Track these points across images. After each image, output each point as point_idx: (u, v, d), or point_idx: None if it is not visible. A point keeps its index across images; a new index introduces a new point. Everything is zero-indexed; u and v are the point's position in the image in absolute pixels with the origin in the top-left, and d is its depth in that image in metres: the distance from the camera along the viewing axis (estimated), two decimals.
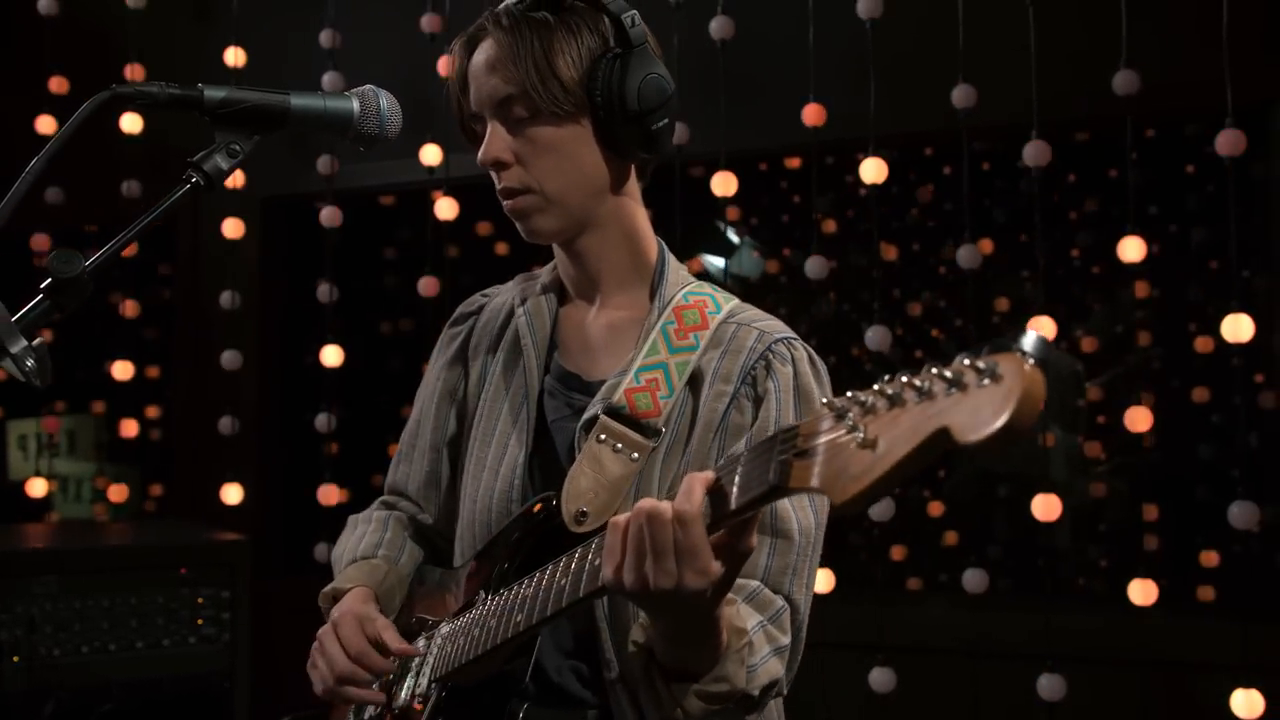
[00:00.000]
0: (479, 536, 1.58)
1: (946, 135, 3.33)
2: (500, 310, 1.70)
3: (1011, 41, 3.14)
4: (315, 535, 3.91)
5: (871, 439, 0.89)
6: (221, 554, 3.37)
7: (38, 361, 1.14)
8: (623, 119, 1.46)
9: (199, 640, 3.29)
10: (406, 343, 5.32)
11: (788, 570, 1.42)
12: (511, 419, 1.60)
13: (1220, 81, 2.89)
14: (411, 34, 3.75)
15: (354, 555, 1.70)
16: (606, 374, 1.53)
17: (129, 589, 3.21)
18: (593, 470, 1.42)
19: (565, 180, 1.49)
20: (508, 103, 1.48)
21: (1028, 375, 0.79)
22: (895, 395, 0.88)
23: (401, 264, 5.34)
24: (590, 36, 1.47)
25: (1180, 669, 3.21)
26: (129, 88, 1.28)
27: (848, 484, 0.91)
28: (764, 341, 1.48)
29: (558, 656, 1.52)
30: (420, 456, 1.75)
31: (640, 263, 1.58)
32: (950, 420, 0.83)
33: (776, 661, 1.37)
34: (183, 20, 4.47)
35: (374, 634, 1.51)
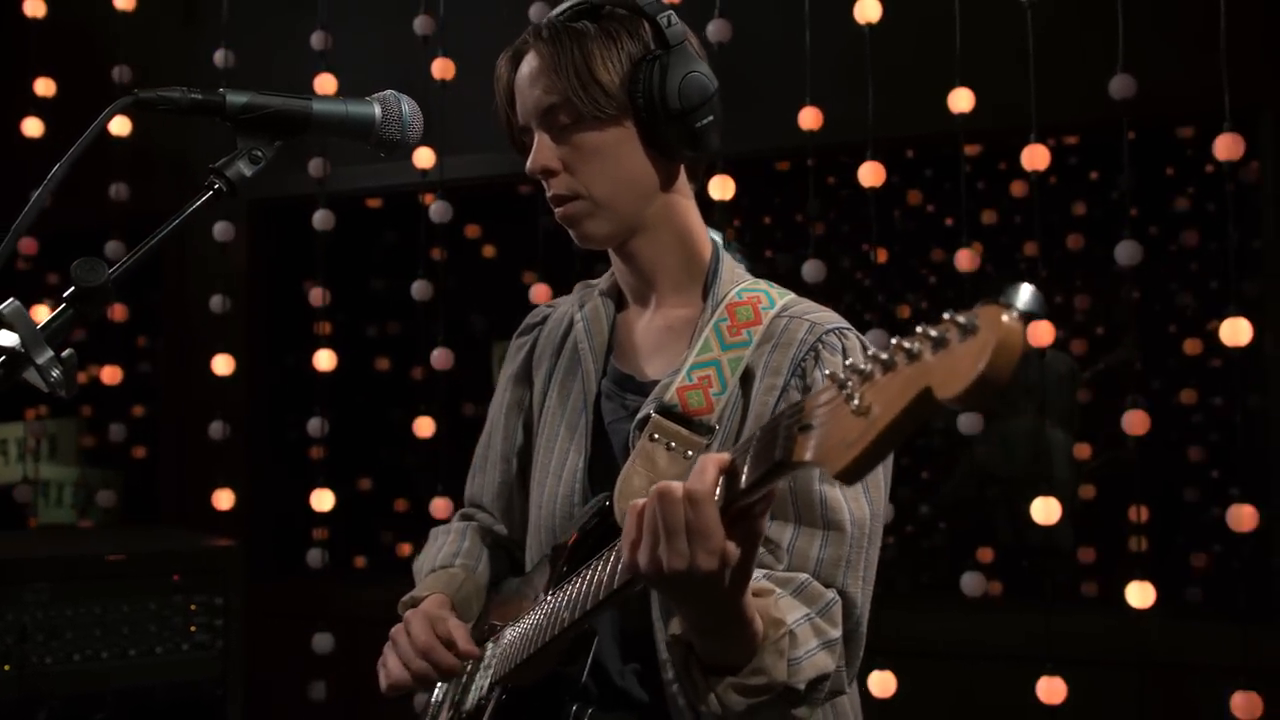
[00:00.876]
0: (544, 542, 1.60)
1: (943, 139, 3.33)
2: (563, 320, 1.73)
3: (1007, 45, 3.15)
4: (307, 540, 3.88)
5: (865, 406, 0.88)
6: (214, 560, 3.34)
7: (65, 372, 1.12)
8: (665, 118, 1.47)
9: (192, 647, 3.26)
10: (394, 346, 5.30)
11: (840, 563, 1.40)
12: (571, 424, 1.62)
13: (1216, 86, 2.90)
14: (405, 36, 3.73)
15: (433, 565, 1.73)
16: (661, 374, 1.54)
17: (121, 596, 3.18)
18: (646, 469, 1.43)
19: (612, 184, 1.50)
20: (552, 111, 1.49)
21: (1004, 326, 0.77)
22: (889, 360, 0.87)
23: (388, 267, 5.31)
24: (630, 41, 1.49)
25: (1180, 671, 3.22)
26: (151, 93, 1.26)
27: (843, 452, 0.90)
28: (815, 333, 1.48)
29: (619, 659, 1.53)
30: (492, 468, 1.78)
31: (693, 263, 1.59)
32: (931, 378, 0.82)
33: (825, 655, 1.34)
34: (170, 22, 4.44)
35: (445, 633, 1.53)
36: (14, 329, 1.11)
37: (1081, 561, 4.14)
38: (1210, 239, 4.48)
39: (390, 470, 5.14)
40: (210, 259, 4.12)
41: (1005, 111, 3.23)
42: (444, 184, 3.64)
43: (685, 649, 1.29)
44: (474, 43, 3.74)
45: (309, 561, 3.78)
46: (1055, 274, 4.75)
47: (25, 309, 1.11)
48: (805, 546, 1.39)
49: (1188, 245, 4.48)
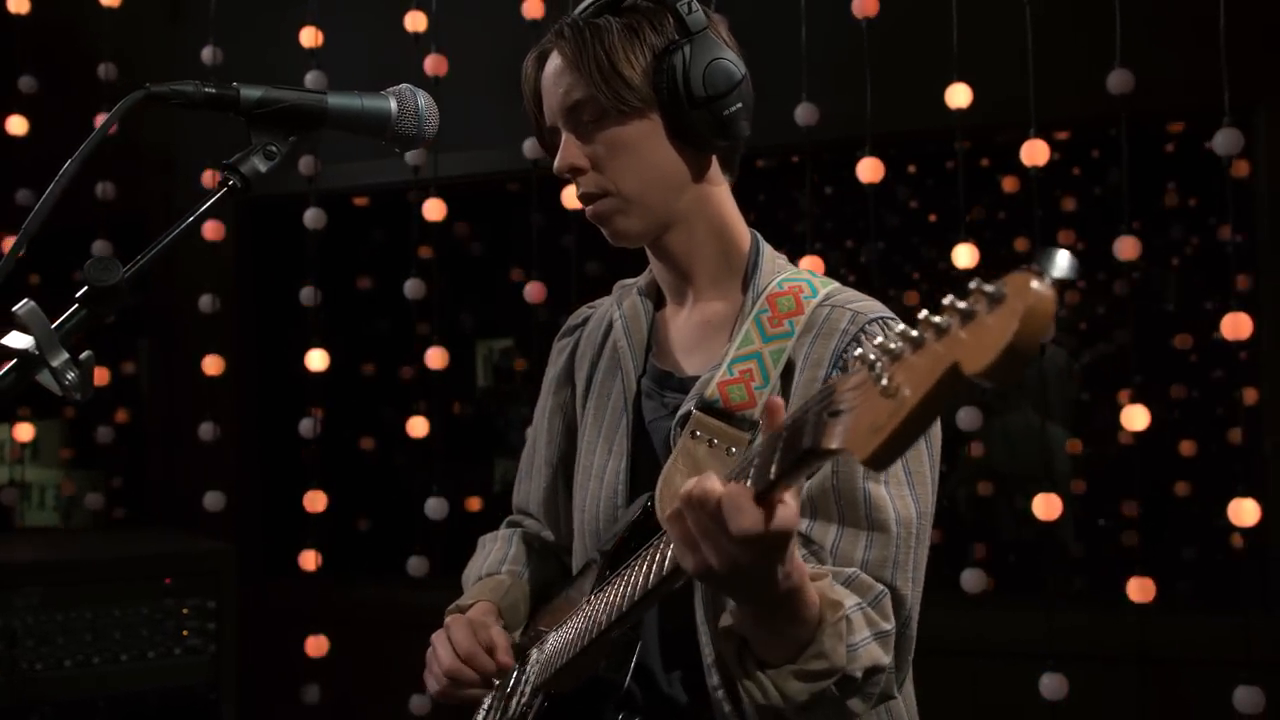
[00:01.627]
0: (589, 546, 1.58)
1: (941, 134, 3.32)
2: (603, 320, 1.70)
3: (1004, 41, 3.14)
4: (297, 541, 3.85)
5: (894, 387, 0.82)
6: (207, 563, 3.31)
7: (82, 375, 1.09)
8: (690, 107, 1.43)
9: (185, 651, 3.24)
10: (382, 345, 5.26)
11: (887, 563, 1.35)
12: (613, 425, 1.59)
13: (1213, 82, 2.90)
14: (395, 32, 3.70)
15: (480, 573, 1.71)
16: (701, 370, 1.50)
17: (112, 600, 3.15)
18: (688, 467, 1.39)
19: (641, 179, 1.47)
20: (576, 109, 1.47)
21: (1032, 292, 0.72)
22: (918, 338, 0.81)
23: (376, 265, 5.28)
24: (652, 33, 1.45)
25: (1183, 665, 3.22)
26: (164, 87, 1.23)
27: (870, 437, 0.84)
28: (857, 323, 1.43)
29: (663, 664, 1.51)
30: (538, 474, 1.76)
31: (732, 255, 1.55)
32: (959, 353, 0.76)
33: (878, 646, 1.29)
34: (156, 19, 4.39)
35: (486, 640, 1.51)
36: (29, 330, 1.08)
37: (1074, 556, 4.14)
38: (1199, 234, 4.49)
39: (380, 470, 5.10)
40: (198, 258, 4.08)
41: (1003, 107, 3.22)
42: (437, 181, 3.61)
43: (738, 643, 1.26)
44: (466, 40, 3.72)
45: (302, 563, 3.75)
46: None
47: (41, 310, 1.08)
48: (849, 549, 1.35)
49: (1175, 239, 4.48)
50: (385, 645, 3.97)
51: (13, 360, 1.11)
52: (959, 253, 3.12)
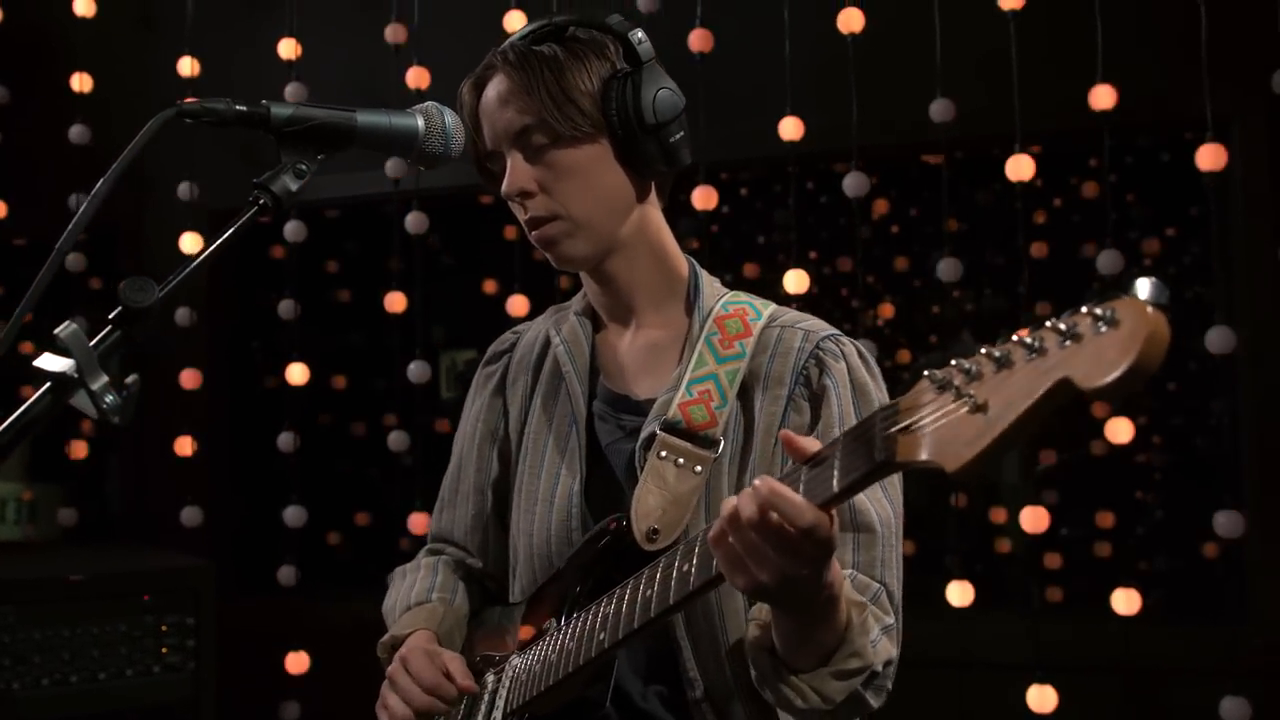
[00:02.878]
0: (540, 570, 1.57)
1: (927, 148, 3.34)
2: (534, 343, 1.71)
3: (988, 55, 3.17)
4: (275, 557, 3.81)
5: (982, 403, 0.89)
6: (186, 579, 3.28)
7: (125, 399, 1.07)
8: (641, 134, 1.48)
9: (164, 669, 3.20)
10: (354, 358, 5.23)
11: (876, 563, 1.43)
12: (560, 448, 1.59)
13: (1198, 95, 2.94)
14: (374, 45, 3.68)
15: (408, 603, 1.69)
16: (654, 393, 1.54)
17: (90, 618, 3.11)
18: (658, 487, 1.43)
19: (590, 202, 1.50)
20: (525, 133, 1.49)
21: (1151, 317, 0.79)
22: (1002, 357, 0.88)
23: (348, 278, 5.24)
24: (597, 61, 1.50)
25: (1169, 676, 3.25)
26: (195, 105, 1.22)
27: (960, 450, 0.90)
28: (811, 340, 1.50)
29: (639, 681, 1.52)
30: (464, 500, 1.74)
31: (672, 279, 1.59)
32: (1070, 369, 0.82)
33: (887, 641, 1.37)
34: (128, 29, 4.34)
35: (443, 667, 1.51)
36: (70, 352, 1.06)
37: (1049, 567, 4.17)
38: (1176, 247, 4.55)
39: (356, 485, 5.06)
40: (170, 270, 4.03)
41: (984, 121, 3.25)
42: (420, 194, 3.59)
43: (769, 654, 1.31)
44: (446, 52, 3.70)
45: (280, 579, 3.71)
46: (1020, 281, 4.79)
47: (84, 331, 1.06)
48: (839, 552, 1.36)
49: (1149, 252, 4.53)
50: (365, 661, 3.94)
51: (47, 383, 1.09)
52: (944, 266, 3.13)
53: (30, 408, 1.10)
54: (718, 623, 1.46)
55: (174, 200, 3.83)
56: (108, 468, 5.13)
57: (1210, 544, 4.20)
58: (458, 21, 3.80)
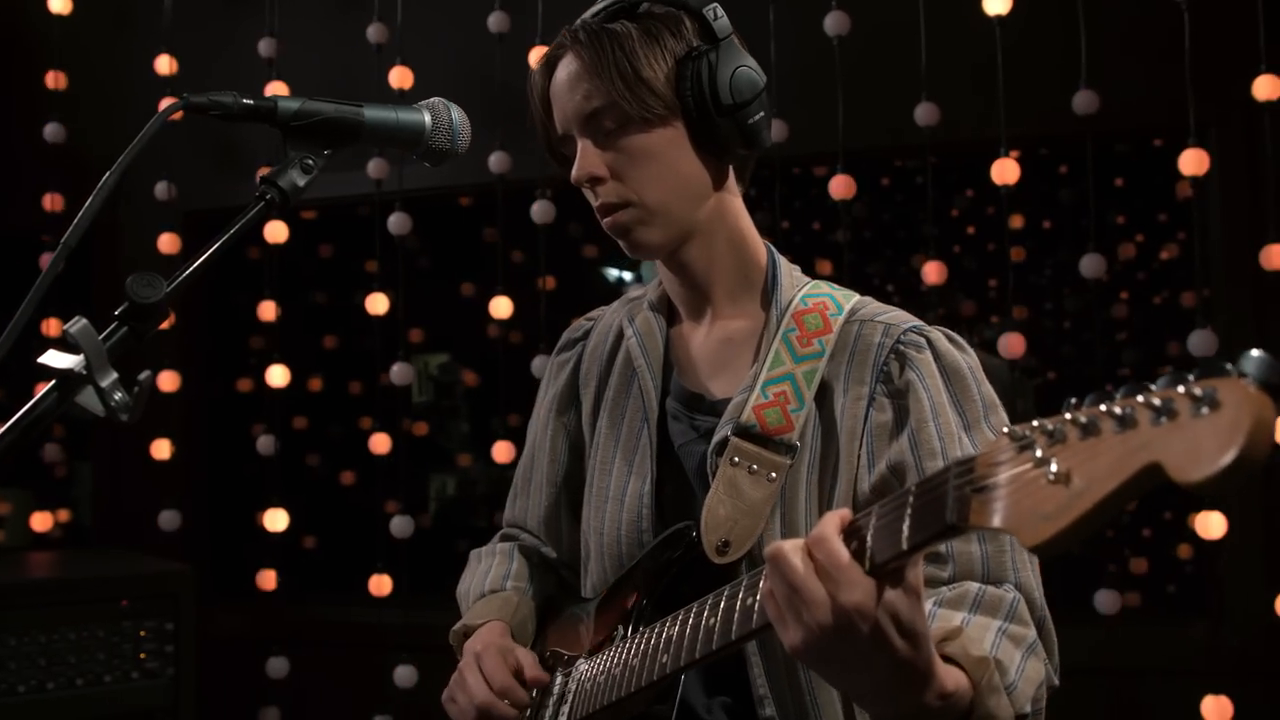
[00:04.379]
0: (609, 569, 1.52)
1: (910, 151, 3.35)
2: (608, 333, 1.65)
3: (971, 60, 3.18)
4: (254, 561, 3.77)
5: (1064, 473, 0.80)
6: (165, 584, 3.23)
7: (135, 396, 1.05)
8: (717, 115, 1.40)
9: (142, 675, 3.15)
10: (331, 361, 5.19)
11: (1005, 553, 1.32)
12: (631, 445, 1.54)
13: (1177, 102, 2.96)
14: (356, 44, 3.65)
15: (482, 589, 1.64)
16: (729, 392, 1.46)
17: (67, 624, 3.06)
18: (730, 497, 1.36)
19: (665, 188, 1.42)
20: (596, 116, 1.42)
21: (1256, 402, 0.70)
22: (1090, 424, 0.80)
23: (323, 280, 5.20)
24: (671, 39, 1.42)
25: (1150, 676, 3.26)
26: (202, 97, 1.20)
27: (1040, 525, 0.82)
28: (891, 335, 1.41)
29: (704, 695, 1.46)
30: (537, 490, 1.70)
31: (750, 269, 1.51)
32: (1162, 455, 0.74)
33: (1035, 662, 1.24)
34: (104, 27, 4.29)
35: (514, 664, 1.47)
36: (80, 349, 1.04)
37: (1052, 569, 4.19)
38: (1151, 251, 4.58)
39: (332, 488, 5.02)
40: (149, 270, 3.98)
41: (969, 126, 3.26)
42: (403, 194, 3.56)
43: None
44: (429, 52, 3.69)
45: (260, 583, 3.67)
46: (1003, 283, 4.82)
47: (94, 328, 1.04)
48: (964, 545, 1.31)
49: (1126, 257, 4.57)
50: (346, 666, 3.91)
51: (53, 380, 1.07)
52: (929, 270, 3.14)
53: (36, 406, 1.07)
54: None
55: (150, 200, 3.79)
56: (78, 472, 5.07)
57: (1185, 545, 4.24)
58: (440, 21, 3.78)
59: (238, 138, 4.09)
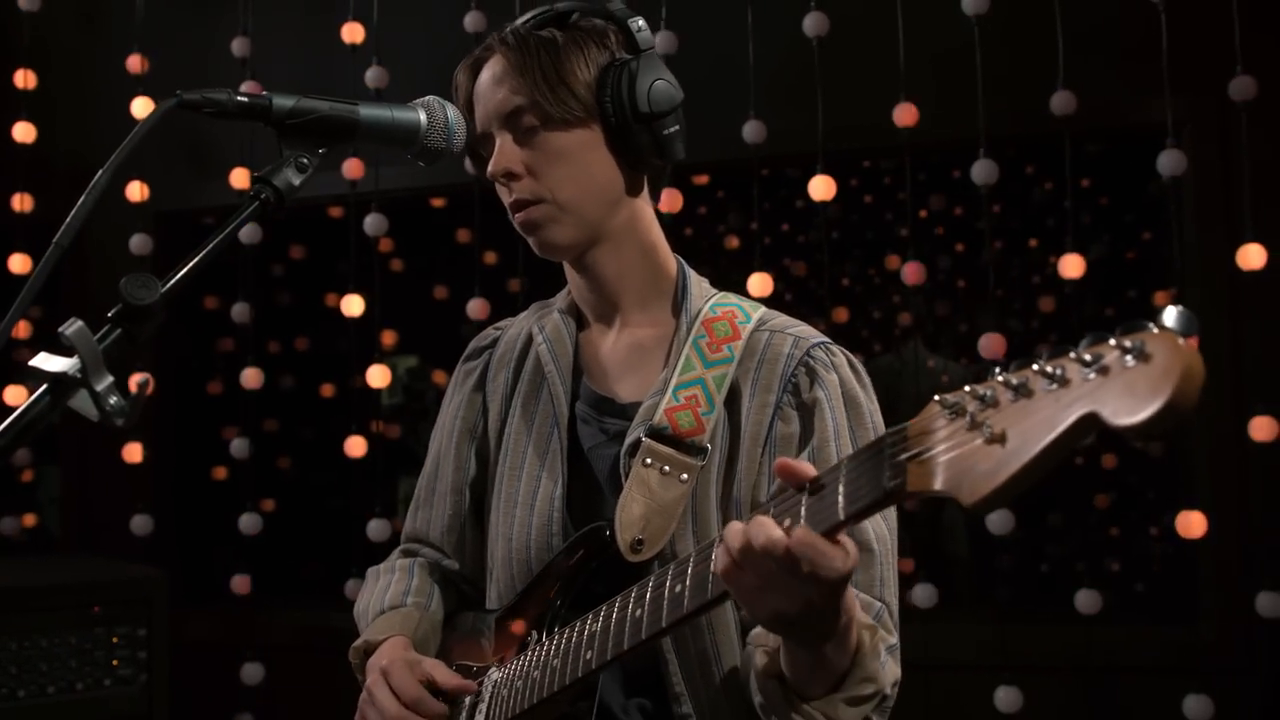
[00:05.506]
0: (518, 575, 1.52)
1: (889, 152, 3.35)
2: (516, 340, 1.66)
3: (952, 59, 3.19)
4: (226, 565, 3.73)
5: (999, 433, 0.85)
6: (137, 590, 3.19)
7: (131, 400, 1.03)
8: (634, 123, 1.44)
9: (115, 682, 3.12)
10: (302, 363, 5.15)
11: (875, 582, 1.38)
12: (541, 449, 1.55)
13: (1154, 101, 2.98)
14: (330, 44, 3.62)
15: (381, 606, 1.62)
16: (639, 396, 1.49)
17: (38, 630, 3.02)
18: (643, 496, 1.39)
19: (578, 188, 1.46)
20: (516, 114, 1.46)
21: (1185, 352, 0.75)
22: (1020, 385, 0.84)
23: (292, 281, 5.16)
24: (597, 49, 1.47)
25: (1131, 675, 3.28)
26: (195, 95, 1.17)
27: (979, 483, 0.86)
28: (801, 347, 1.46)
29: (621, 695, 1.47)
30: (441, 500, 1.68)
31: (660, 277, 1.55)
32: (1097, 404, 0.78)
33: (893, 661, 1.33)
34: (74, 25, 4.24)
35: (424, 675, 1.45)
36: (75, 351, 1.02)
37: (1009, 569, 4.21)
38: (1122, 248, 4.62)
39: (306, 491, 4.99)
40: (119, 273, 3.93)
41: (949, 125, 3.27)
42: (379, 195, 3.53)
43: (779, 683, 1.26)
44: (404, 52, 3.66)
45: (234, 588, 3.63)
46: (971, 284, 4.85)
47: (90, 330, 1.02)
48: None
49: (1099, 256, 4.59)
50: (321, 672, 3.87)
51: (45, 384, 1.05)
52: (908, 270, 3.14)
53: (28, 409, 1.05)
54: (707, 637, 1.42)
55: (121, 201, 3.74)
56: (45, 476, 5.01)
57: (1162, 544, 4.27)
58: (416, 21, 3.76)
59: (208, 138, 4.05)
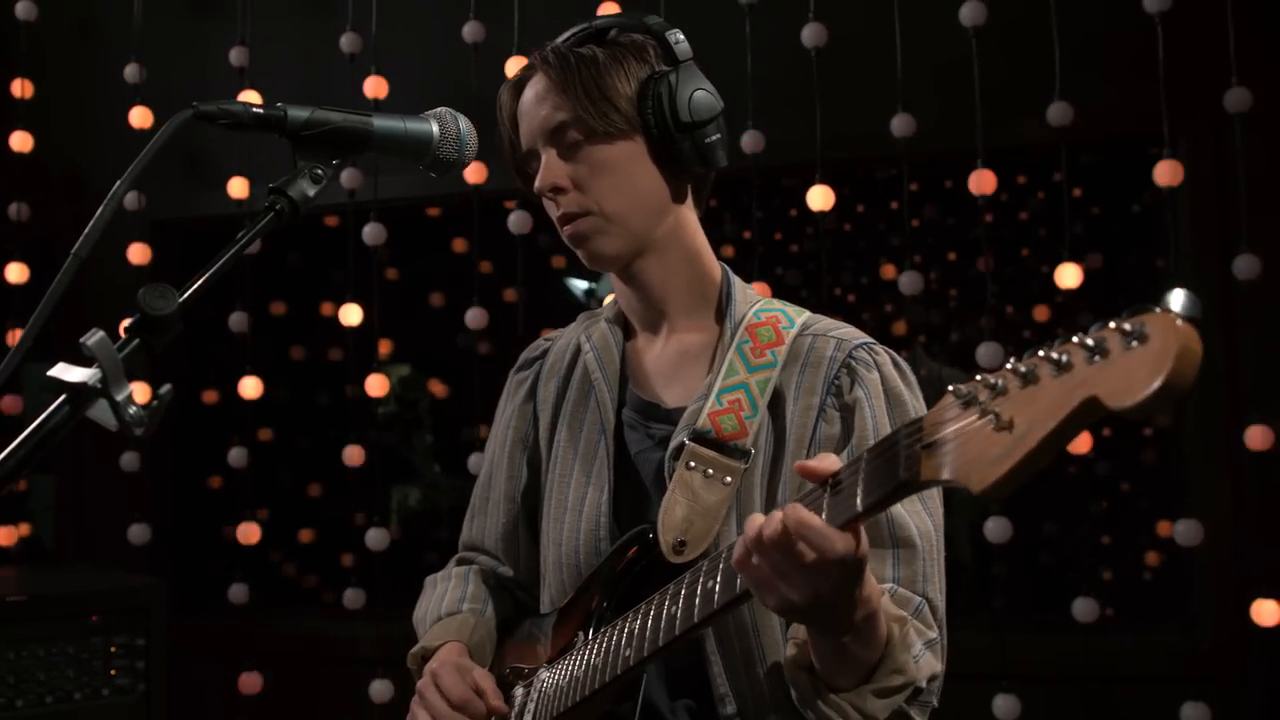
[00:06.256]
0: (568, 580, 1.55)
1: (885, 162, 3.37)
2: (565, 350, 1.69)
3: (950, 71, 3.20)
4: (225, 574, 3.73)
5: (1007, 420, 0.86)
6: (136, 599, 3.18)
7: (151, 410, 1.03)
8: (676, 132, 1.47)
9: (113, 692, 3.11)
10: (298, 372, 5.14)
11: (917, 578, 1.40)
12: (589, 456, 1.58)
13: (1153, 113, 3.00)
14: (331, 53, 3.62)
15: (438, 613, 1.67)
16: (684, 401, 1.52)
17: (36, 639, 3.01)
18: (686, 499, 1.42)
19: (624, 199, 1.49)
20: (561, 130, 1.49)
21: (1181, 331, 0.77)
22: (1028, 373, 0.86)
23: (287, 290, 5.15)
24: (636, 63, 1.50)
25: (1129, 683, 3.29)
26: (212, 106, 1.18)
27: (987, 469, 0.88)
28: (843, 350, 1.48)
29: (666, 695, 1.49)
30: (495, 508, 1.73)
31: (705, 284, 1.58)
32: (1099, 388, 0.80)
33: (931, 656, 1.34)
34: (72, 35, 4.24)
35: (473, 683, 1.48)
36: (95, 362, 1.03)
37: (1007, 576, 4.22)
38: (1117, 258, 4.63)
39: (301, 500, 4.98)
40: (115, 283, 3.93)
41: (945, 136, 3.28)
42: (378, 204, 3.54)
43: (809, 674, 1.29)
44: (403, 62, 3.67)
45: (232, 597, 3.62)
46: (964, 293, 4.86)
47: (110, 340, 1.02)
48: (879, 568, 1.37)
49: (1091, 266, 4.61)
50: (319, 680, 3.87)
51: (63, 394, 1.05)
52: (904, 280, 3.16)
53: (47, 420, 1.05)
54: (752, 637, 1.43)
55: (118, 210, 3.72)
56: (38, 485, 4.99)
57: (1153, 552, 4.29)
58: (415, 31, 3.77)
59: (206, 148, 4.05)
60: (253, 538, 3.58)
